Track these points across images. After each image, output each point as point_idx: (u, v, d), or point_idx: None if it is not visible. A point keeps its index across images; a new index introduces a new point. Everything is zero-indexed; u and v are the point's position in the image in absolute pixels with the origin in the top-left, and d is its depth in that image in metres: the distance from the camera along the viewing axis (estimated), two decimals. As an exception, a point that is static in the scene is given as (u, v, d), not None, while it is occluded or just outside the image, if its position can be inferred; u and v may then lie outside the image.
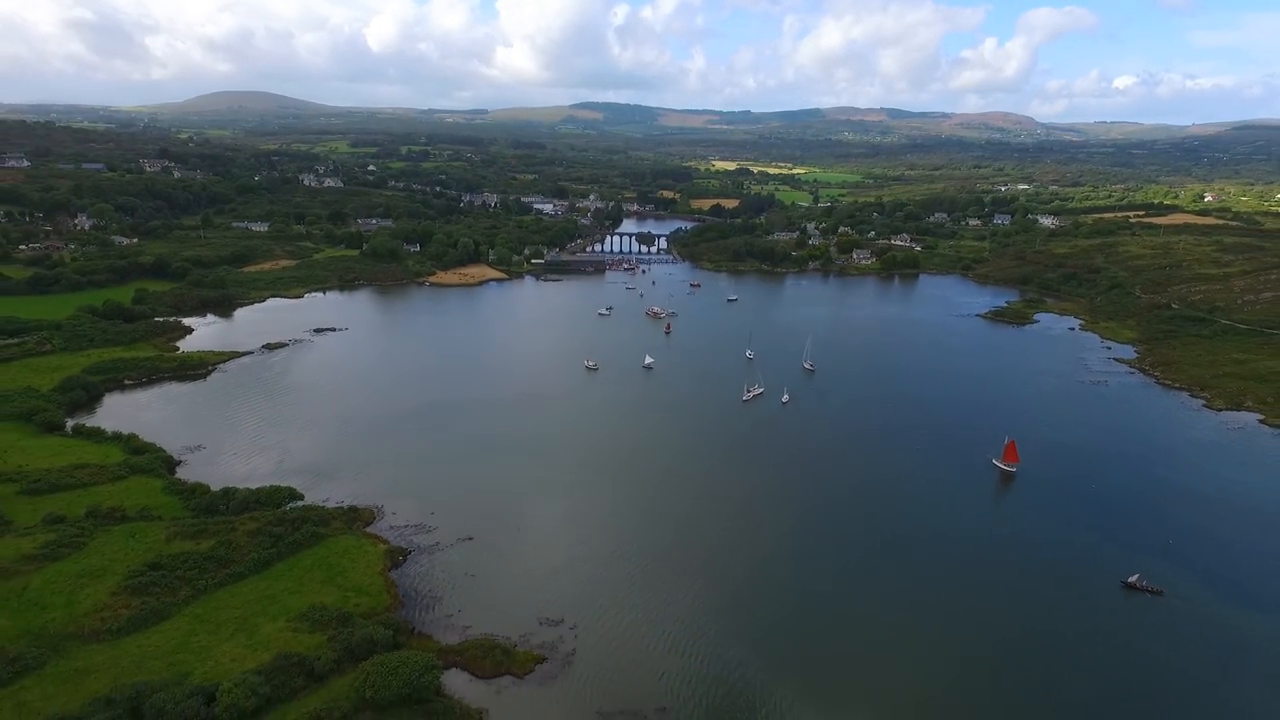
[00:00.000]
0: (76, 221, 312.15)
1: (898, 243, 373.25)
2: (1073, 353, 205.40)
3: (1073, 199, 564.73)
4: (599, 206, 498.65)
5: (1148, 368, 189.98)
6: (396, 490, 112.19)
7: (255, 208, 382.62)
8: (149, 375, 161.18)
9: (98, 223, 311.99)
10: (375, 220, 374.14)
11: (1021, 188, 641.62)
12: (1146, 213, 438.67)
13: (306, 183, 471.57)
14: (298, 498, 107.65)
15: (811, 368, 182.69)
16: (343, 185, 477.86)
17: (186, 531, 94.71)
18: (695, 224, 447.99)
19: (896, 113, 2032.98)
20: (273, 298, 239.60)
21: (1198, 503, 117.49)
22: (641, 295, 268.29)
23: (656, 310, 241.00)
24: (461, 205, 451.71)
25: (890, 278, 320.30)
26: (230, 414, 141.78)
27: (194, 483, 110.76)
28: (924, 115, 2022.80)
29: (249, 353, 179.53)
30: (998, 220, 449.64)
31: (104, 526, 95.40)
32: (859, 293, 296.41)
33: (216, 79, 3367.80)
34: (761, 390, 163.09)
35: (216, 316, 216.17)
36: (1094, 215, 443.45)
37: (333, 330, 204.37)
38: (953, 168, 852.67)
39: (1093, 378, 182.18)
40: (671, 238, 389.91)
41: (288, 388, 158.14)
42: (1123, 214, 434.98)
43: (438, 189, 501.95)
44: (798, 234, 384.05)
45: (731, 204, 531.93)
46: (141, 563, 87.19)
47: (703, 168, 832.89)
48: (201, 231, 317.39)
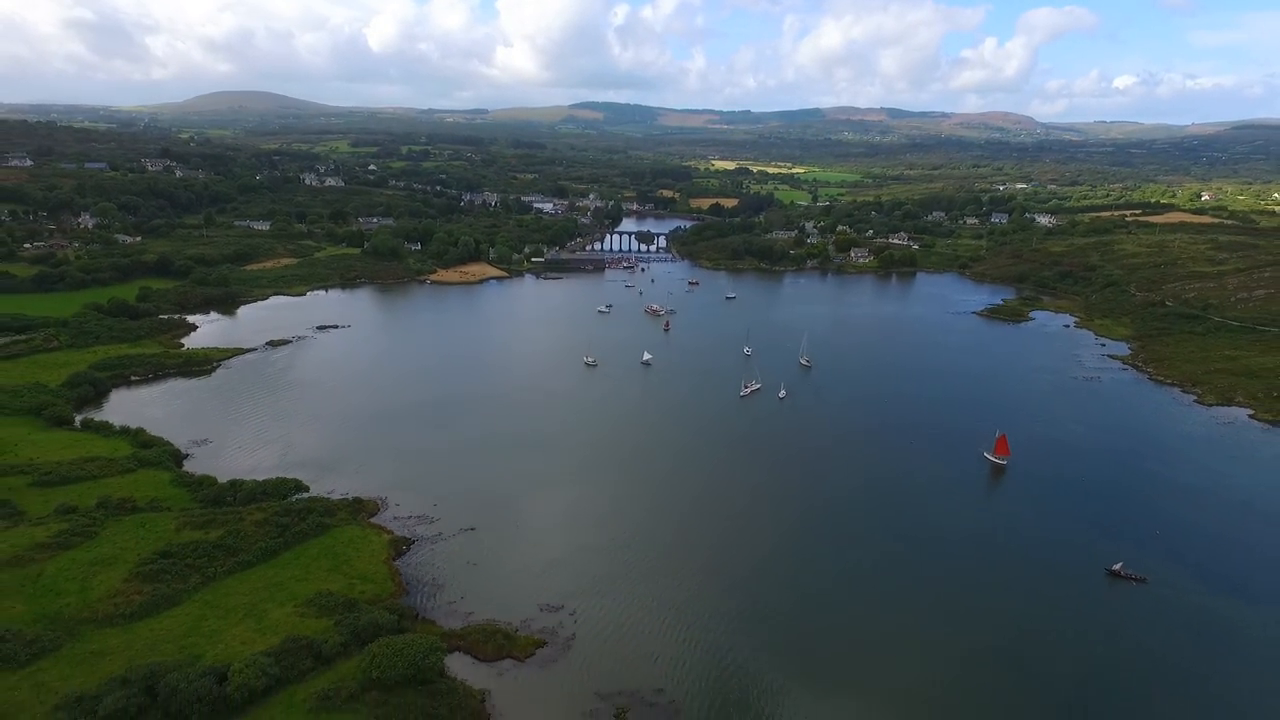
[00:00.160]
0: (80, 220, 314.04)
1: (895, 241, 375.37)
2: (1067, 349, 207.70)
3: (1070, 198, 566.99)
4: (599, 205, 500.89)
5: (1140, 364, 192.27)
6: (399, 483, 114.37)
7: (257, 207, 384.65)
8: (155, 371, 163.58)
9: (101, 221, 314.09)
10: (376, 219, 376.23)
11: (1020, 187, 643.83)
12: (1143, 212, 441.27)
13: (308, 182, 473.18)
14: (303, 489, 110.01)
15: (808, 364, 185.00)
16: (344, 185, 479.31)
17: (195, 521, 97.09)
18: (694, 223, 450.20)
19: (896, 112, 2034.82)
20: (275, 295, 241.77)
21: (1185, 495, 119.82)
22: (641, 293, 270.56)
23: (655, 308, 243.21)
24: (462, 204, 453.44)
25: (888, 276, 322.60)
26: (235, 409, 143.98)
27: (201, 475, 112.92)
28: (924, 115, 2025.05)
29: (253, 349, 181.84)
30: (995, 219, 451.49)
31: (115, 516, 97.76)
32: (856, 291, 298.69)
33: (217, 79, 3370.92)
34: (758, 386, 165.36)
35: (220, 314, 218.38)
36: (1091, 214, 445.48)
37: (335, 327, 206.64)
38: (952, 167, 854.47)
39: (1086, 374, 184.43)
40: (671, 236, 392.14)
41: (291, 384, 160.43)
42: (1119, 213, 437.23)
43: (438, 188, 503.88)
44: (796, 233, 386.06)
45: (731, 203, 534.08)
46: (152, 551, 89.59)
47: (702, 167, 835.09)
48: (204, 230, 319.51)
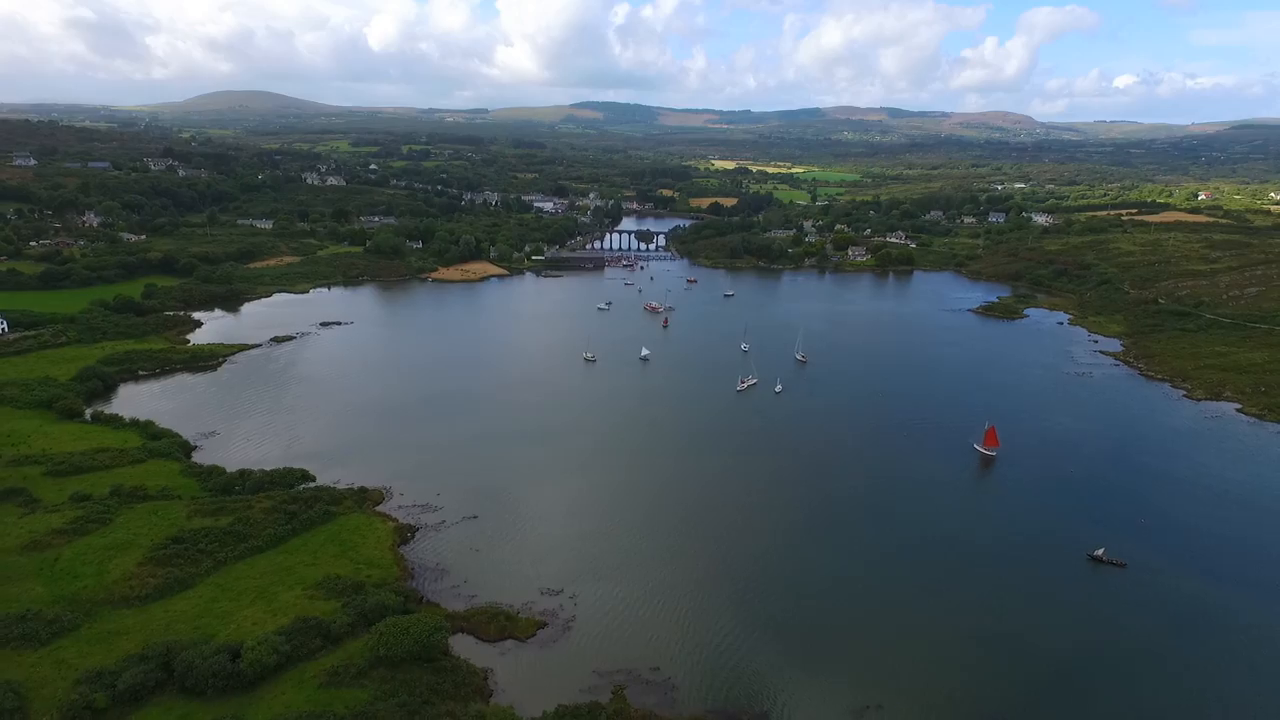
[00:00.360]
0: (85, 219, 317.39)
1: (893, 240, 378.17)
2: (1060, 346, 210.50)
3: (1068, 198, 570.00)
4: (599, 205, 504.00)
5: (1132, 360, 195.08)
6: (403, 473, 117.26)
7: (259, 205, 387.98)
8: (162, 366, 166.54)
9: (106, 220, 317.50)
10: (378, 218, 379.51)
11: (1018, 186, 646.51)
12: (1139, 211, 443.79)
13: (309, 181, 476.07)
14: (309, 479, 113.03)
15: (804, 359, 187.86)
16: (345, 184, 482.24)
17: (206, 509, 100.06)
18: (693, 222, 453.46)
19: (896, 112, 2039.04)
20: (279, 293, 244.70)
21: (1170, 486, 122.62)
22: (640, 291, 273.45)
23: (654, 305, 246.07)
24: (463, 203, 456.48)
25: (885, 274, 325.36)
26: (241, 403, 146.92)
27: (210, 465, 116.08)
28: (924, 114, 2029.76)
29: (257, 345, 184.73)
30: (993, 218, 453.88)
31: (128, 504, 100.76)
32: (853, 288, 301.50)
33: (217, 78, 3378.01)
34: (755, 381, 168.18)
35: (224, 311, 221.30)
36: (1087, 213, 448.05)
37: (338, 324, 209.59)
38: (951, 166, 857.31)
39: (1078, 370, 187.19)
40: (670, 235, 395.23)
41: (296, 378, 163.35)
42: (1116, 212, 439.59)
43: (439, 188, 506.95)
44: (794, 232, 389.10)
45: (730, 202, 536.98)
46: (165, 536, 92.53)
47: (702, 167, 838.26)
48: (207, 229, 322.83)
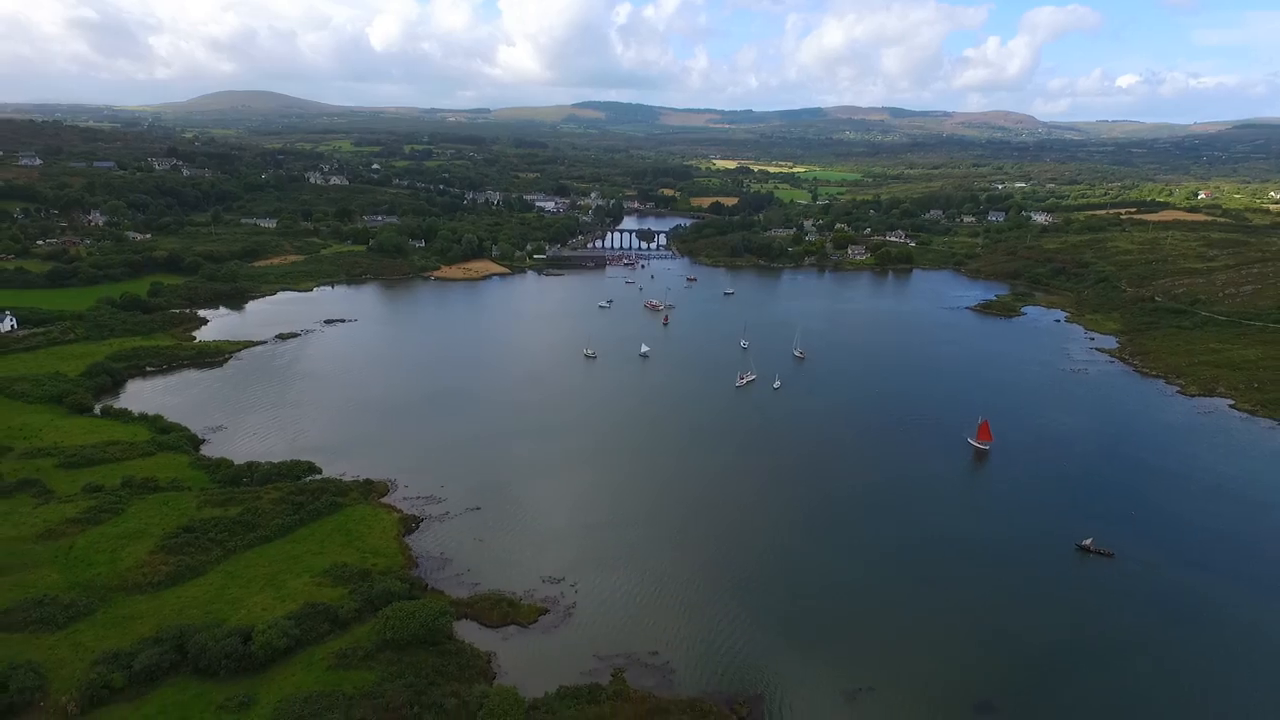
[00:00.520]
0: (91, 218, 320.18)
1: (893, 239, 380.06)
2: (1057, 343, 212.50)
3: (1068, 197, 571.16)
4: (600, 204, 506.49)
5: (1127, 357, 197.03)
6: (407, 466, 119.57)
7: (263, 205, 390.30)
8: (169, 362, 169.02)
9: (111, 219, 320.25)
10: (381, 217, 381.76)
11: (1018, 186, 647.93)
12: (1139, 210, 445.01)
13: (313, 181, 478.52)
14: (316, 471, 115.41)
15: (802, 355, 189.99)
16: (348, 183, 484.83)
17: (215, 500, 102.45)
18: (694, 221, 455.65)
19: (898, 111, 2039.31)
20: (283, 291, 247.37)
21: (1161, 479, 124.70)
22: (640, 289, 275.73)
23: (655, 303, 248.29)
24: (465, 203, 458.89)
25: (884, 273, 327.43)
26: (247, 398, 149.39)
27: (218, 458, 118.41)
28: (926, 114, 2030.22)
29: (262, 342, 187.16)
30: (992, 217, 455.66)
31: (139, 495, 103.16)
32: (853, 287, 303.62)
33: (220, 78, 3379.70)
34: (754, 377, 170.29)
35: (229, 309, 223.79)
36: (1087, 212, 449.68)
37: (342, 321, 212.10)
38: (952, 166, 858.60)
39: (1074, 366, 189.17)
40: (671, 234, 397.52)
41: (301, 374, 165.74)
42: (1115, 211, 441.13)
43: (441, 187, 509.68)
44: (795, 230, 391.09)
45: (731, 202, 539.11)
46: (176, 526, 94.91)
47: (703, 166, 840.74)
48: (212, 227, 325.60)
